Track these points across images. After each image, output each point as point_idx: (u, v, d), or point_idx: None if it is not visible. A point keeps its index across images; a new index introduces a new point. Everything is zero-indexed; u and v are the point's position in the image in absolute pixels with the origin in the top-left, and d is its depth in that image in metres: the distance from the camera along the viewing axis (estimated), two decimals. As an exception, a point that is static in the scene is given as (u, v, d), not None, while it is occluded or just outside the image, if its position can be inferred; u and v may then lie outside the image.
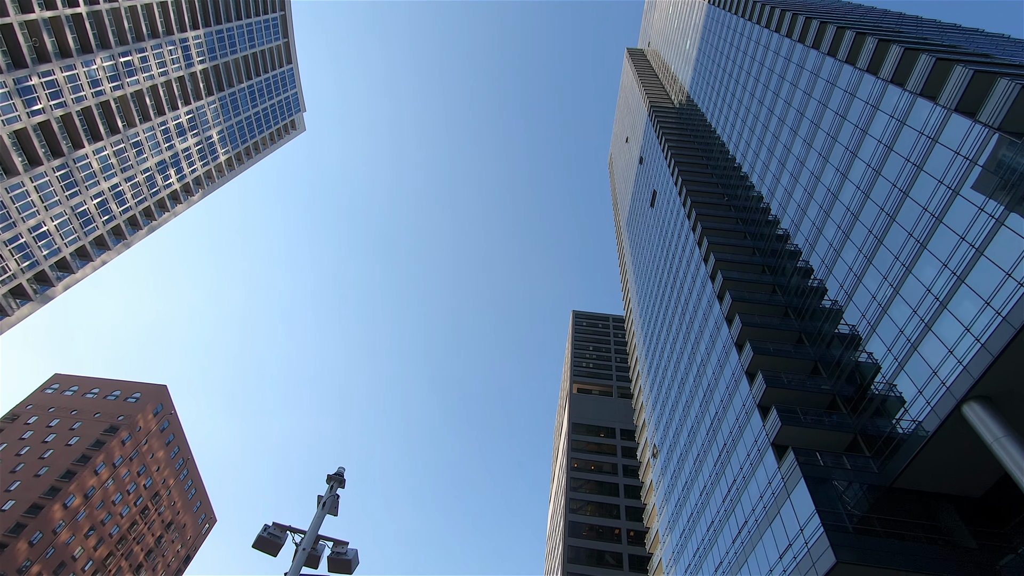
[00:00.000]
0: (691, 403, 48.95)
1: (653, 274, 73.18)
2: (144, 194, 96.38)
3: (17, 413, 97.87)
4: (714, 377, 43.34)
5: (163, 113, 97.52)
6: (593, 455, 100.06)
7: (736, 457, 36.87)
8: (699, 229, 52.24)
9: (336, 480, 14.98)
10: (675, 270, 60.52)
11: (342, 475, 15.17)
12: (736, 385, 38.29)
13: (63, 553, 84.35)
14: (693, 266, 53.06)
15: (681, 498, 48.32)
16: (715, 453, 41.25)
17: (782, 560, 28.71)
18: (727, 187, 59.49)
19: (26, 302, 78.94)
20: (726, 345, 41.38)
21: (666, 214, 68.30)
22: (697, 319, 49.72)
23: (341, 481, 15.04)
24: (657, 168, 78.06)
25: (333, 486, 14.76)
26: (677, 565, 47.36)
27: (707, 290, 47.66)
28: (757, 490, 32.97)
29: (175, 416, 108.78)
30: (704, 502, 42.17)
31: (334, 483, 14.85)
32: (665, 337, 61.49)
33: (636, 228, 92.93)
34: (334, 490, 14.69)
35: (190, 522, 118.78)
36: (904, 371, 27.14)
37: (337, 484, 14.90)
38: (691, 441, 47.51)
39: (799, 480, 27.97)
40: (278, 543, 13.07)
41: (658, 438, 59.82)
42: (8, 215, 72.22)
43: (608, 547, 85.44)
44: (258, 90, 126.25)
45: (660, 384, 61.34)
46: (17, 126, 71.71)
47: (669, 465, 53.61)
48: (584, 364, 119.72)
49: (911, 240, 28.16)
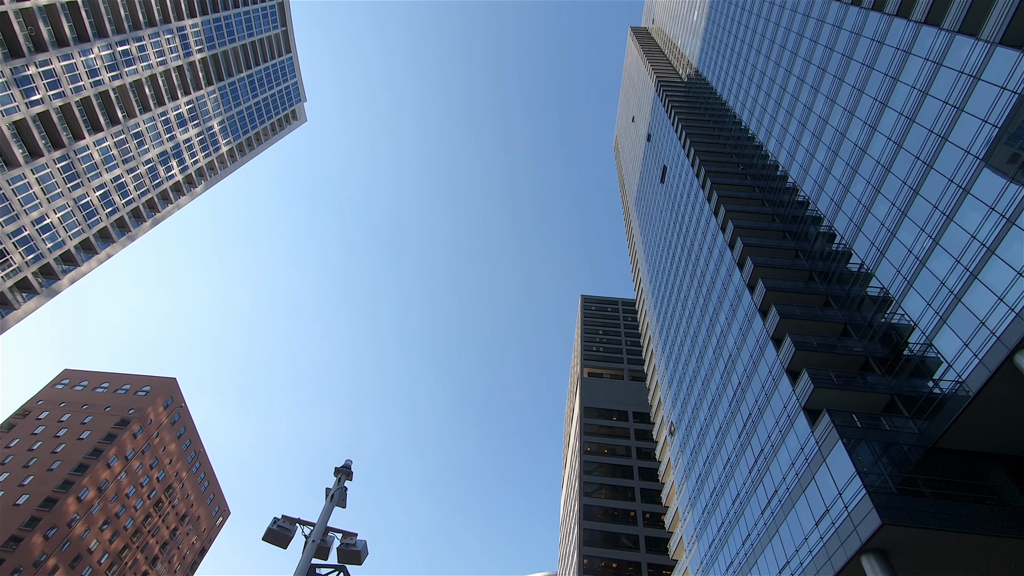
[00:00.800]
0: (711, 377, 47.57)
1: (665, 251, 71.56)
2: (147, 185, 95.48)
3: (28, 409, 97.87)
4: (736, 347, 41.92)
5: (163, 103, 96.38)
6: (606, 438, 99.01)
7: (763, 426, 35.51)
8: (715, 198, 50.60)
9: (344, 473, 15.15)
10: (689, 243, 58.91)
11: (349, 468, 15.34)
12: (761, 352, 36.86)
13: (79, 546, 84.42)
14: (709, 236, 51.45)
15: (703, 473, 47.09)
16: (739, 425, 39.92)
17: (818, 527, 27.43)
18: (741, 156, 57.68)
19: (32, 296, 78.39)
20: (748, 313, 39.90)
21: (678, 187, 66.56)
22: (715, 290, 48.22)
23: (348, 474, 15.21)
24: (666, 142, 76.17)
25: (341, 479, 14.96)
26: (700, 541, 46.21)
27: (726, 258, 46.09)
28: (788, 458, 31.64)
29: (185, 409, 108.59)
30: (728, 475, 40.91)
31: (342, 476, 15.03)
32: (680, 313, 60.02)
33: (645, 207, 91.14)
34: (342, 483, 14.89)
35: (204, 515, 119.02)
36: (947, 324, 25.63)
37: (345, 477, 15.09)
38: (712, 415, 46.18)
39: (836, 442, 26.60)
40: (288, 535, 13.19)
41: (675, 416, 58.53)
42: (10, 207, 71.46)
43: (624, 529, 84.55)
44: (258, 79, 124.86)
45: (676, 361, 59.96)
46: (16, 117, 70.70)
47: (688, 441, 52.36)
48: (594, 348, 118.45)
49: (951, 187, 26.53)
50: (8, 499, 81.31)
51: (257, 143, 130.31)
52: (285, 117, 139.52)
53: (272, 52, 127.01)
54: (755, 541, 34.79)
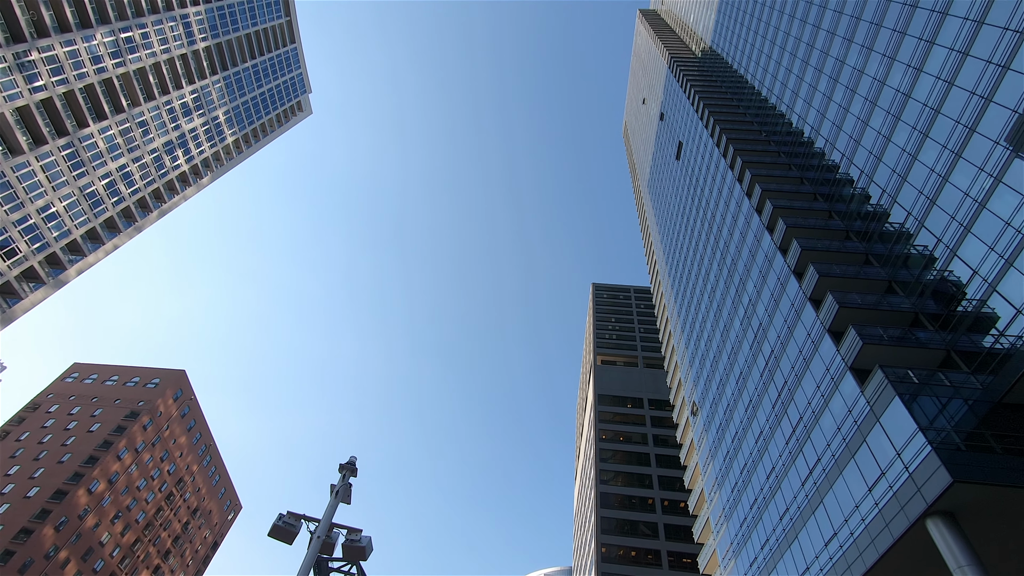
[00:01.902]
0: (737, 350, 45.45)
1: (683, 228, 69.36)
2: (153, 175, 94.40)
3: (38, 402, 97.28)
4: (767, 315, 39.78)
5: (167, 92, 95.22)
6: (622, 426, 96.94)
7: (801, 394, 33.40)
8: (738, 163, 48.38)
9: (348, 469, 15.10)
10: (710, 216, 56.71)
11: (354, 464, 15.28)
12: (797, 316, 34.71)
13: (90, 539, 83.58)
14: (733, 204, 49.26)
15: (730, 451, 45.01)
16: (772, 396, 37.80)
17: (872, 492, 25.34)
18: (763, 125, 55.37)
19: (39, 286, 77.39)
20: (781, 276, 37.75)
21: (695, 161, 64.31)
22: (742, 258, 46.05)
23: (353, 470, 15.17)
24: (681, 117, 73.89)
25: (346, 475, 14.95)
26: (730, 521, 44.16)
27: (753, 224, 43.92)
28: (832, 424, 29.52)
29: (195, 402, 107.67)
30: (760, 450, 38.82)
31: (346, 472, 15.01)
32: (701, 289, 57.86)
33: (659, 187, 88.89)
34: (346, 479, 14.87)
35: (215, 508, 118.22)
36: (1013, 267, 23.43)
37: (349, 473, 15.06)
38: (740, 389, 44.08)
39: (891, 400, 24.47)
40: (293, 531, 13.15)
41: (698, 395, 56.43)
42: (15, 195, 70.42)
43: (642, 517, 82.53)
44: (262, 70, 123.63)
45: (697, 339, 57.82)
46: (20, 103, 69.62)
47: (713, 419, 50.27)
48: (607, 336, 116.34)
49: (1015, 117, 24.28)
50: (19, 491, 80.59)
51: (263, 134, 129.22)
52: (291, 108, 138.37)
53: (276, 42, 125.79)
54: (795, 515, 32.71)
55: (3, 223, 68.27)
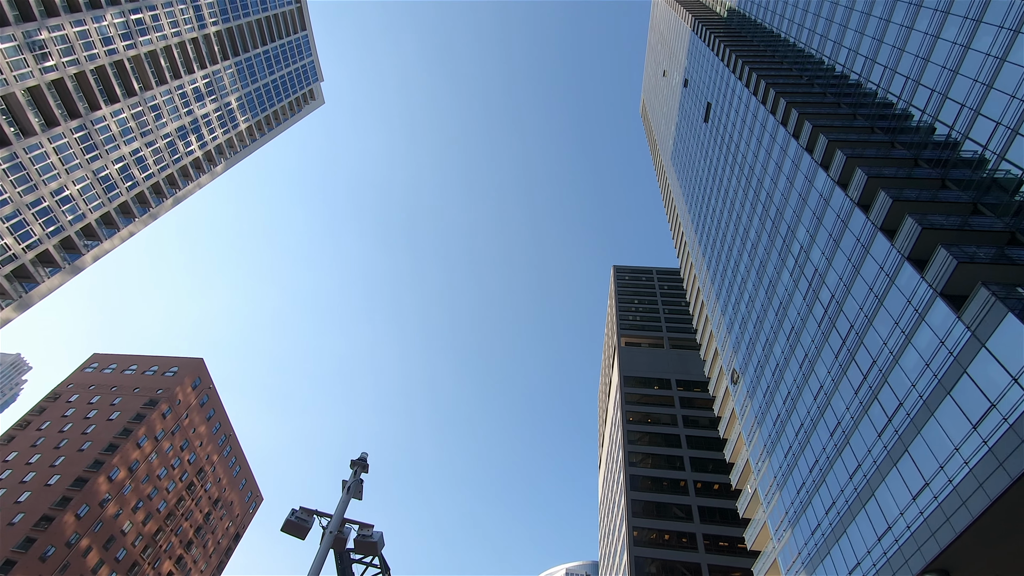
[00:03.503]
0: (787, 304, 41.90)
1: (714, 193, 65.71)
2: (166, 160, 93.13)
3: (58, 392, 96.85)
4: (824, 258, 36.23)
5: (179, 76, 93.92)
6: (649, 407, 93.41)
7: (873, 336, 29.88)
8: (781, 105, 44.76)
9: (359, 465, 15.15)
10: (748, 170, 53.08)
11: (365, 460, 15.35)
12: (865, 250, 31.16)
13: (111, 527, 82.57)
14: (777, 150, 45.62)
15: (782, 414, 41.49)
16: (834, 345, 34.25)
17: (977, 431, 21.85)
18: (804, 71, 51.58)
19: (56, 271, 76.28)
20: (842, 212, 34.19)
21: (728, 117, 60.65)
22: (789, 205, 42.45)
23: (364, 466, 15.23)
24: (709, 77, 70.16)
25: (357, 471, 15.01)
26: (783, 489, 40.65)
27: (803, 165, 40.34)
28: (917, 361, 26.01)
29: (214, 391, 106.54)
30: (821, 407, 35.31)
31: (358, 468, 15.09)
32: (740, 250, 54.26)
33: (685, 157, 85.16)
34: (358, 475, 14.92)
35: (237, 499, 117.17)
36: None
37: (361, 469, 15.11)
38: (792, 346, 40.54)
39: (1001, 318, 20.96)
40: (306, 527, 13.31)
41: (738, 362, 52.86)
42: (28, 177, 69.23)
43: (675, 499, 79.02)
44: (274, 56, 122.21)
45: (737, 303, 54.25)
46: (31, 83, 68.38)
47: (759, 384, 46.73)
48: (631, 318, 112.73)
49: None
50: (40, 480, 79.83)
51: (276, 122, 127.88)
52: (303, 96, 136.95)
53: (287, 29, 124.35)
54: (869, 471, 29.22)
55: (17, 206, 67.12)
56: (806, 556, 36.28)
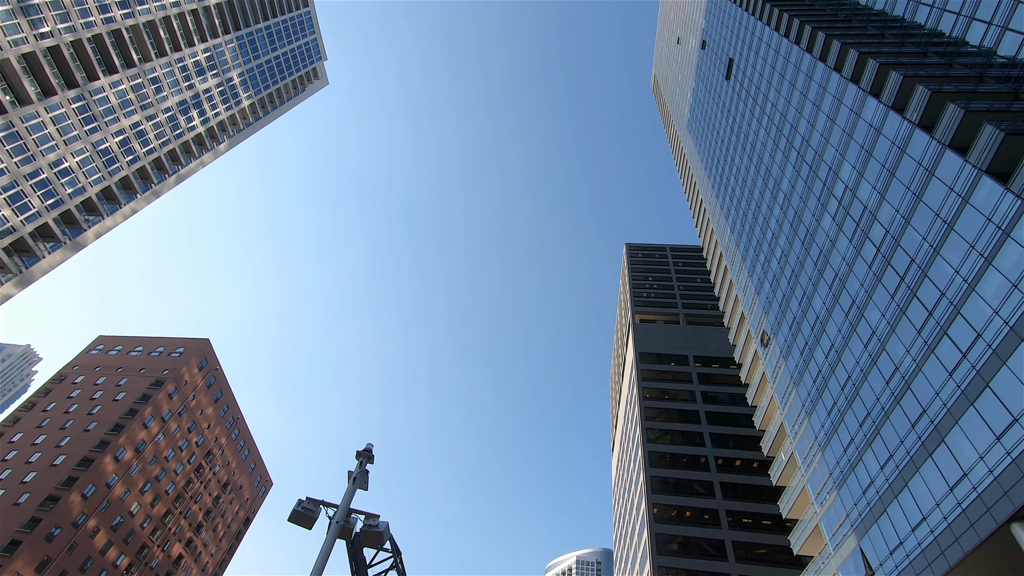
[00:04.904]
0: (829, 252, 38.86)
1: (739, 150, 62.43)
2: (168, 135, 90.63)
3: (64, 374, 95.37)
4: (878, 192, 33.11)
5: (179, 49, 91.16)
6: (667, 383, 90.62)
7: (941, 264, 26.83)
8: (819, 40, 41.45)
9: (365, 456, 15.19)
10: (779, 119, 49.80)
11: (370, 451, 15.32)
12: (929, 174, 28.03)
13: (119, 508, 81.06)
14: (815, 88, 42.32)
15: (824, 369, 38.56)
16: (890, 282, 31.21)
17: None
18: (840, 8, 48.13)
19: (57, 246, 74.17)
20: (900, 138, 31.03)
21: (755, 66, 57.25)
22: (831, 143, 39.24)
23: (370, 457, 15.23)
24: (731, 31, 66.66)
25: (363, 462, 15.04)
26: (825, 450, 37.80)
27: (848, 96, 37.12)
28: (1002, 283, 23.00)
29: (221, 372, 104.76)
30: (875, 353, 32.33)
31: (363, 459, 15.14)
32: (770, 204, 51.10)
33: (703, 122, 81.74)
34: (363, 466, 14.93)
35: (246, 483, 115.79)
36: None
37: (366, 460, 15.12)
38: (835, 296, 37.53)
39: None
40: (312, 517, 13.60)
41: (769, 322, 49.87)
42: (25, 147, 66.85)
43: (696, 475, 76.36)
44: (276, 32, 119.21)
45: (767, 260, 51.18)
46: (25, 48, 65.82)
47: (795, 342, 43.76)
48: (645, 294, 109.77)
49: None
50: (45, 460, 78.34)
51: (280, 100, 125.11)
52: (306, 75, 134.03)
53: (289, 4, 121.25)
54: (938, 414, 26.28)
55: (14, 176, 64.89)
56: (856, 517, 33.48)
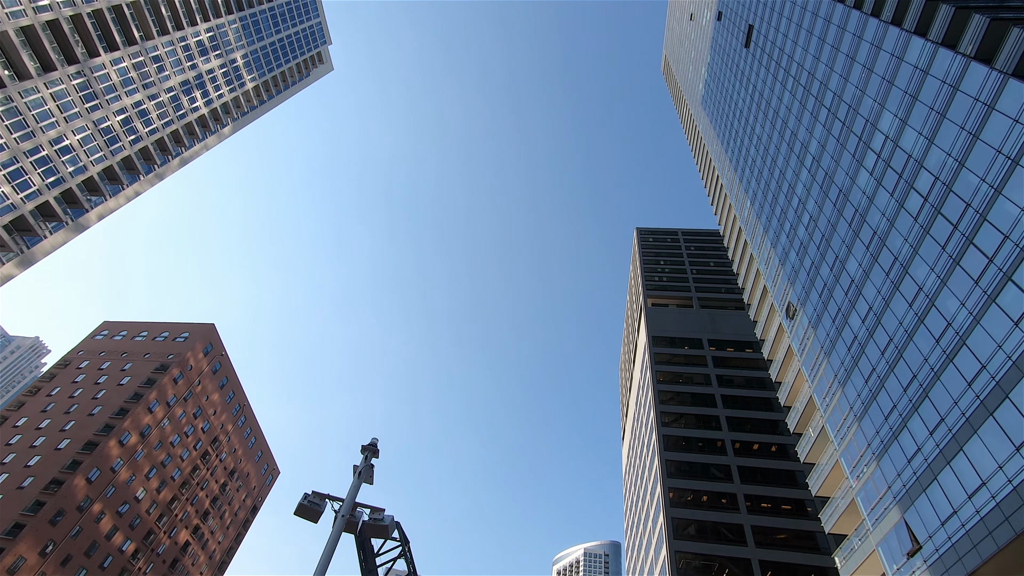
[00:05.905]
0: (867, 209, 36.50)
1: (759, 119, 59.94)
2: (170, 115, 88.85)
3: (69, 359, 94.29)
4: (925, 137, 30.72)
5: (181, 28, 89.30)
6: (681, 367, 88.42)
7: (1003, 204, 24.52)
8: (856, -13, 38.94)
9: (370, 450, 15.30)
10: (808, 76, 47.30)
11: (375, 446, 15.38)
12: (989, 107, 25.66)
13: (124, 493, 79.90)
14: (848, 39, 39.78)
15: (860, 335, 36.28)
16: (940, 233, 28.88)
17: None
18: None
19: (59, 227, 72.57)
20: (951, 76, 28.62)
21: (779, 28, 54.67)
22: (868, 94, 36.77)
23: (375, 451, 15.32)
24: (752, -3, 64.03)
25: (368, 456, 15.15)
26: (862, 420, 35.57)
27: (888, 42, 34.65)
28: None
29: (226, 357, 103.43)
30: (921, 311, 30.04)
31: (368, 453, 15.23)
32: (797, 167, 48.67)
33: (720, 95, 79.17)
34: (368, 460, 15.06)
35: (253, 471, 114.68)
36: None
37: (371, 454, 15.24)
38: (876, 253, 35.21)
39: None
40: (318, 510, 13.73)
41: (796, 293, 47.55)
42: (25, 123, 65.18)
43: (712, 459, 74.22)
44: (280, 14, 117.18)
45: (793, 228, 48.81)
46: (24, 22, 64.06)
47: (827, 309, 41.48)
48: (657, 278, 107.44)
49: None
50: (50, 444, 77.20)
51: (284, 84, 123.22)
52: (311, 59, 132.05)
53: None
54: (1000, 369, 24.03)
55: (14, 152, 63.28)
56: (899, 489, 31.27)
